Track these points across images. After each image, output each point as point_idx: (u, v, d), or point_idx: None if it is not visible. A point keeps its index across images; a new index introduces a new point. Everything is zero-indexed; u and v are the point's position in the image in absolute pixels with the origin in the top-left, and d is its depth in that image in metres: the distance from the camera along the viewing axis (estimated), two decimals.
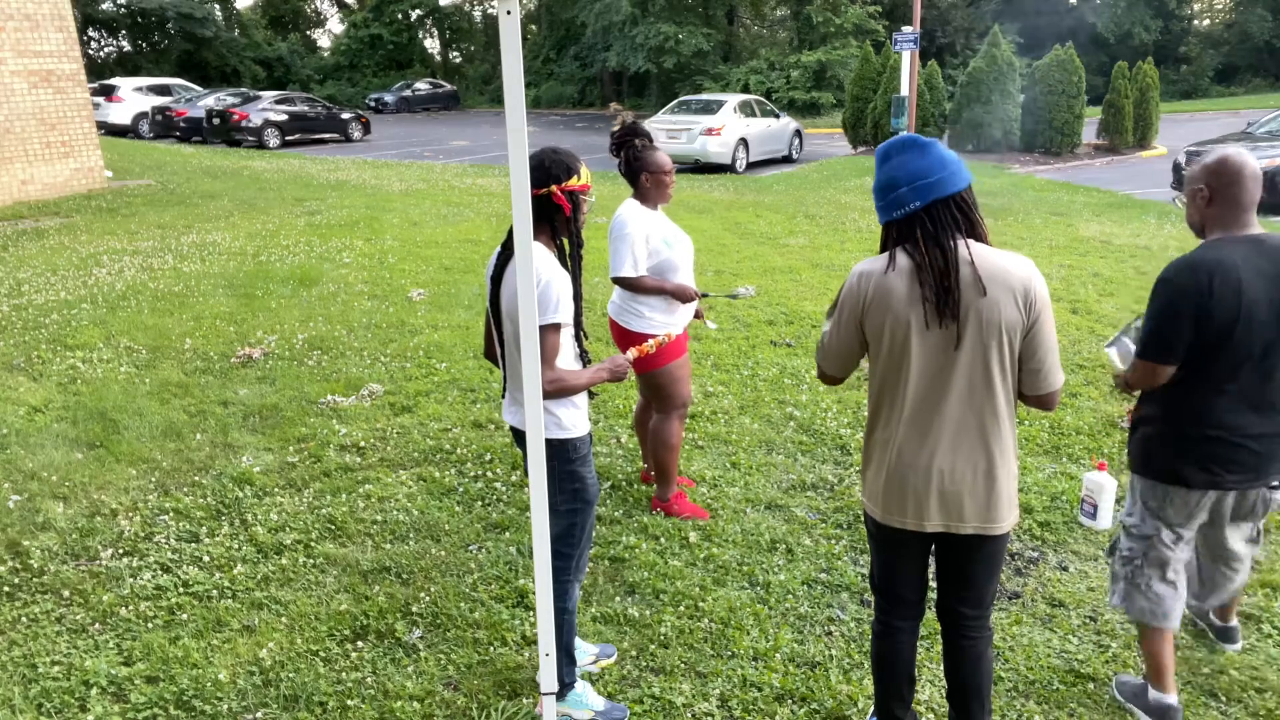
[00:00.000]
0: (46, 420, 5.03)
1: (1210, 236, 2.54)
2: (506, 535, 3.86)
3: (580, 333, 2.69)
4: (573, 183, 2.54)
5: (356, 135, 24.93)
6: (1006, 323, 2.09)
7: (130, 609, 3.30)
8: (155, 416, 5.07)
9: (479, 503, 4.15)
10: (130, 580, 3.49)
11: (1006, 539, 2.30)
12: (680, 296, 3.72)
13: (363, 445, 4.75)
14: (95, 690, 2.86)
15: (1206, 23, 43.22)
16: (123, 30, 42.55)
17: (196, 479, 4.36)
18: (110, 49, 43.20)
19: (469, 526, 3.93)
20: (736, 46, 40.77)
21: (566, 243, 2.63)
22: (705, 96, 19.87)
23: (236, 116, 22.26)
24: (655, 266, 3.71)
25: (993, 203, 12.74)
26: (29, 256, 9.26)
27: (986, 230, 2.18)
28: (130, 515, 4.00)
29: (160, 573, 3.55)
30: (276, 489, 4.27)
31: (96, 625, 3.21)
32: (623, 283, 3.70)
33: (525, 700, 2.84)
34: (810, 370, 5.86)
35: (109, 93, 24.87)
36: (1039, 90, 18.75)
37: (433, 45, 53.09)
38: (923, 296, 2.10)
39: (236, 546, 3.75)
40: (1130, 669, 2.99)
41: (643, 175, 3.71)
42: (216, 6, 44.88)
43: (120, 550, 3.72)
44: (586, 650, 3.01)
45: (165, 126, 23.98)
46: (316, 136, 24.02)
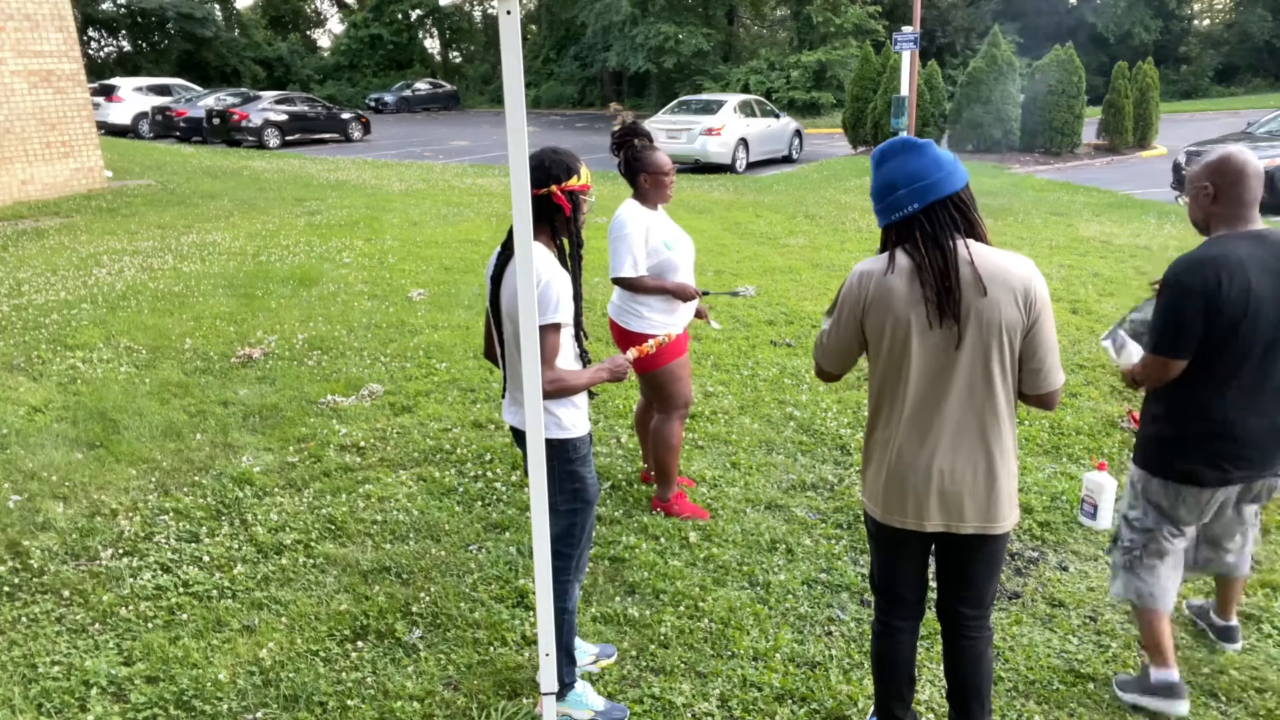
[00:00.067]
0: (46, 420, 5.03)
1: (1214, 233, 2.58)
2: (506, 535, 3.86)
3: (580, 333, 2.69)
4: (573, 183, 2.54)
5: (356, 135, 24.94)
6: (1007, 322, 2.09)
7: (130, 609, 3.30)
8: (155, 416, 5.07)
9: (479, 503, 4.15)
10: (130, 580, 3.49)
11: (1007, 539, 2.30)
12: (681, 295, 3.71)
13: (363, 445, 4.75)
14: (95, 690, 2.86)
15: (1206, 23, 43.23)
16: (123, 30, 42.57)
17: (196, 479, 4.36)
18: (110, 49, 43.24)
19: (469, 526, 3.93)
20: (736, 46, 40.78)
21: (566, 243, 2.63)
22: (705, 96, 19.87)
23: (236, 116, 22.27)
24: (655, 267, 3.70)
25: (993, 203, 12.74)
26: (29, 256, 9.26)
27: (986, 230, 2.18)
28: (130, 515, 4.00)
29: (160, 573, 3.55)
30: (276, 489, 4.27)
31: (96, 625, 3.21)
32: (622, 283, 3.70)
33: (525, 700, 2.84)
34: (811, 370, 5.86)
35: (109, 93, 24.88)
36: (1039, 90, 18.76)
37: (433, 45, 53.15)
38: (923, 297, 2.10)
39: (236, 546, 3.75)
40: (1130, 669, 2.99)
41: (641, 175, 3.70)
42: (216, 6, 44.89)
43: (120, 550, 3.72)
44: (586, 650, 3.01)
45: (165, 126, 23.99)
46: (316, 136, 24.02)
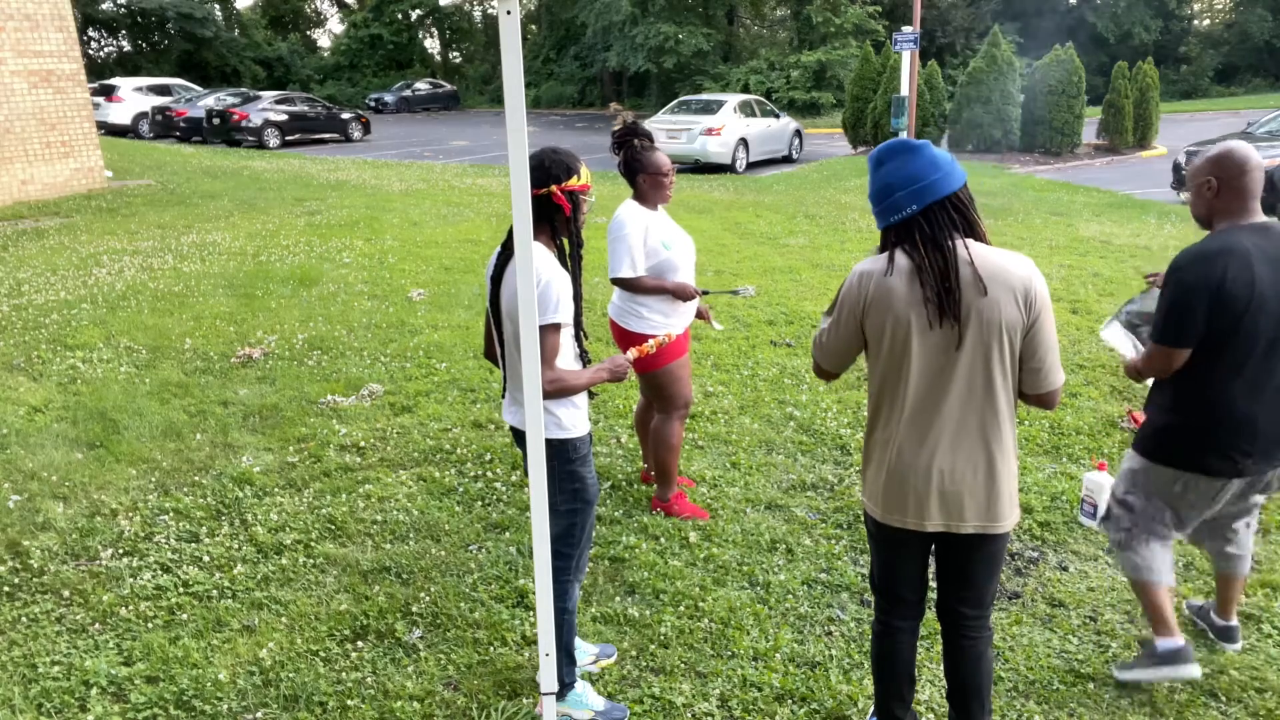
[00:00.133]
0: (46, 420, 5.03)
1: (1218, 227, 2.61)
2: (506, 535, 3.86)
3: (580, 333, 2.69)
4: (573, 183, 2.54)
5: (356, 135, 24.93)
6: (1007, 322, 2.09)
7: (130, 609, 3.30)
8: (155, 416, 5.07)
9: (479, 503, 4.15)
10: (130, 580, 3.49)
11: (1007, 538, 2.30)
12: (680, 295, 3.71)
13: (363, 445, 4.75)
14: (95, 690, 2.86)
15: (1206, 23, 43.23)
16: (123, 30, 42.57)
17: (196, 479, 4.36)
18: (110, 49, 43.23)
19: (469, 526, 3.93)
20: (736, 46, 40.77)
21: (566, 243, 2.63)
22: (705, 96, 19.87)
23: (236, 116, 22.27)
24: (655, 267, 3.70)
25: (993, 203, 12.74)
26: (29, 256, 9.26)
27: (985, 229, 2.19)
28: (130, 515, 4.00)
29: (160, 573, 3.55)
30: (276, 489, 4.27)
31: (96, 625, 3.21)
32: (622, 283, 3.69)
33: (525, 700, 2.84)
34: (811, 370, 5.86)
35: (109, 93, 24.87)
36: (1039, 90, 18.76)
37: (433, 45, 53.15)
38: (924, 297, 2.10)
39: (236, 546, 3.75)
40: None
41: (640, 176, 3.70)
42: (216, 6, 44.89)
43: (120, 550, 3.72)
44: (586, 650, 3.01)
45: (165, 126, 23.98)
46: (316, 136, 24.02)
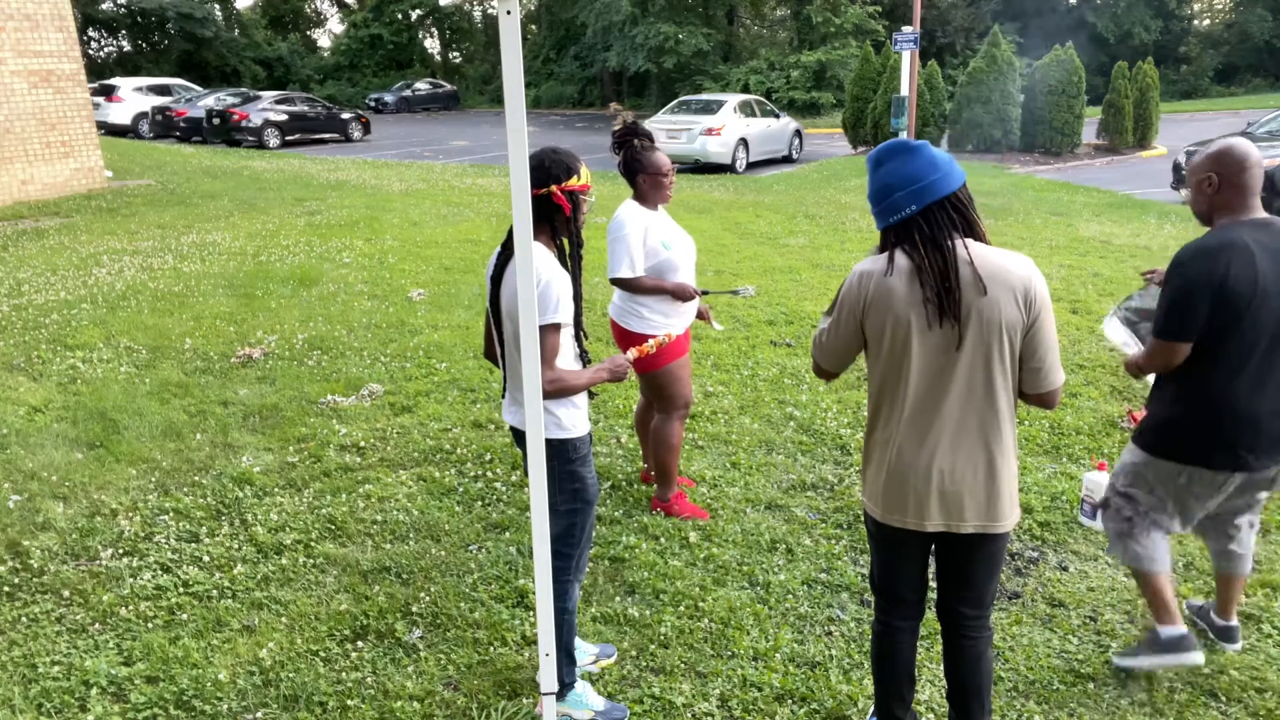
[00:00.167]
0: (46, 420, 5.03)
1: (1219, 223, 2.63)
2: (506, 535, 3.86)
3: (580, 333, 2.69)
4: (573, 183, 2.54)
5: (356, 135, 24.93)
6: (1007, 322, 2.09)
7: (130, 609, 3.30)
8: (155, 416, 5.07)
9: (479, 503, 4.15)
10: (130, 580, 3.49)
11: (1007, 538, 2.30)
12: (679, 295, 3.71)
13: (363, 445, 4.75)
14: (95, 690, 2.86)
15: (1206, 23, 43.22)
16: (123, 30, 42.57)
17: (196, 479, 4.36)
18: (110, 49, 43.23)
19: (469, 526, 3.93)
20: (736, 46, 40.77)
21: (566, 243, 2.63)
22: (705, 96, 19.87)
23: (236, 116, 22.27)
24: (654, 267, 3.70)
25: (993, 203, 12.74)
26: (29, 256, 9.26)
27: (984, 229, 2.19)
28: (130, 515, 4.00)
29: (160, 573, 3.55)
30: (276, 489, 4.27)
31: (96, 625, 3.21)
32: (620, 284, 3.69)
33: (525, 700, 2.84)
34: (811, 370, 5.86)
35: (109, 93, 24.87)
36: (1039, 90, 18.76)
37: (433, 45, 53.15)
38: (924, 297, 2.10)
39: (236, 546, 3.75)
40: (1129, 671, 2.99)
41: (640, 176, 3.70)
42: (216, 6, 44.88)
43: (120, 550, 3.72)
44: (586, 650, 3.01)
45: (165, 126, 23.99)
46: (316, 136, 24.02)
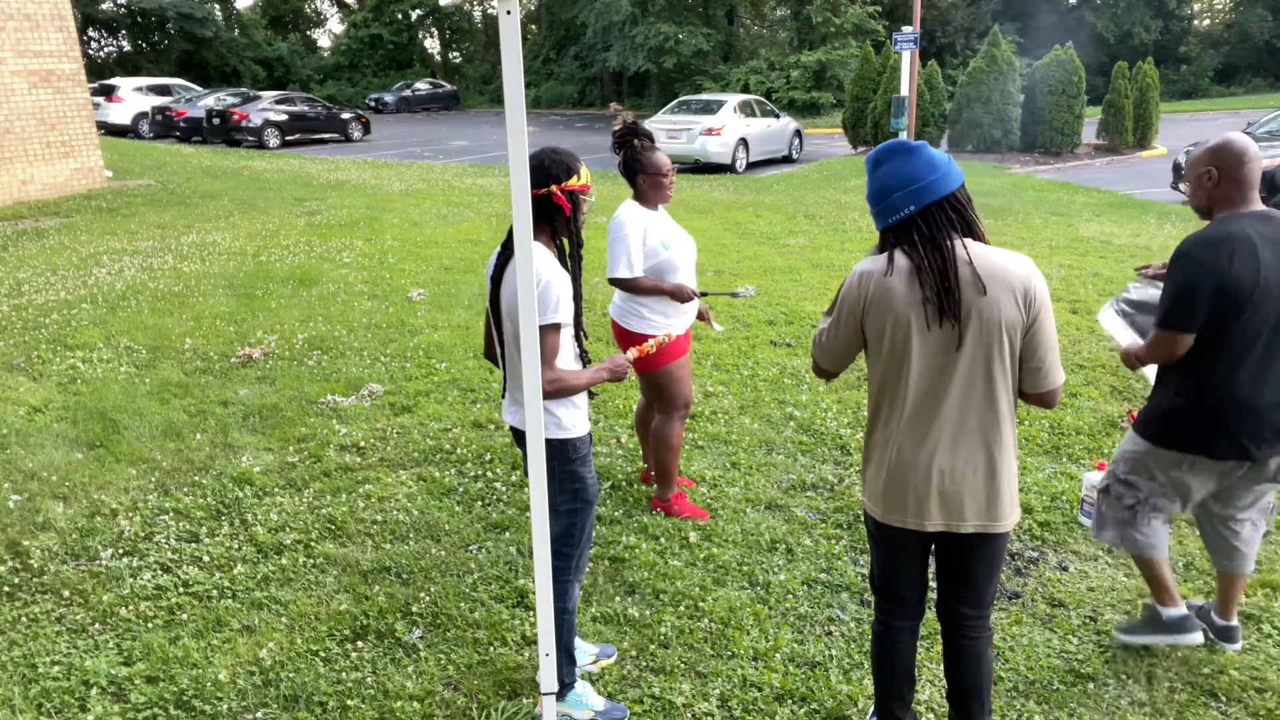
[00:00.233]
0: (46, 420, 5.03)
1: (1218, 216, 2.65)
2: (506, 535, 3.86)
3: (580, 333, 2.69)
4: (573, 183, 2.54)
5: (356, 135, 24.94)
6: (1007, 321, 2.09)
7: (130, 609, 3.30)
8: (155, 416, 5.07)
9: (479, 503, 4.15)
10: (130, 580, 3.49)
11: (1007, 538, 2.31)
12: (677, 297, 3.71)
13: (363, 445, 4.75)
14: (95, 690, 2.86)
15: (1206, 23, 43.22)
16: (123, 30, 42.57)
17: (196, 479, 4.36)
18: (110, 49, 43.24)
19: (469, 526, 3.93)
20: (736, 46, 40.77)
21: (566, 243, 2.63)
22: (705, 96, 19.87)
23: (236, 116, 22.27)
24: (654, 268, 3.69)
25: (993, 203, 12.74)
26: (29, 256, 9.26)
27: (984, 229, 2.19)
28: (130, 515, 4.00)
29: (160, 573, 3.55)
30: (276, 489, 4.27)
31: (96, 625, 3.21)
32: (619, 284, 3.69)
33: (525, 700, 2.84)
34: (811, 370, 5.86)
35: (109, 93, 24.88)
36: (1039, 90, 18.76)
37: (433, 45, 53.15)
38: (923, 298, 2.10)
39: (236, 546, 3.75)
40: (1129, 671, 2.99)
41: (640, 176, 3.70)
42: (216, 6, 44.89)
43: (120, 550, 3.72)
44: (586, 650, 3.01)
45: (165, 126, 23.99)
46: (316, 136, 24.02)
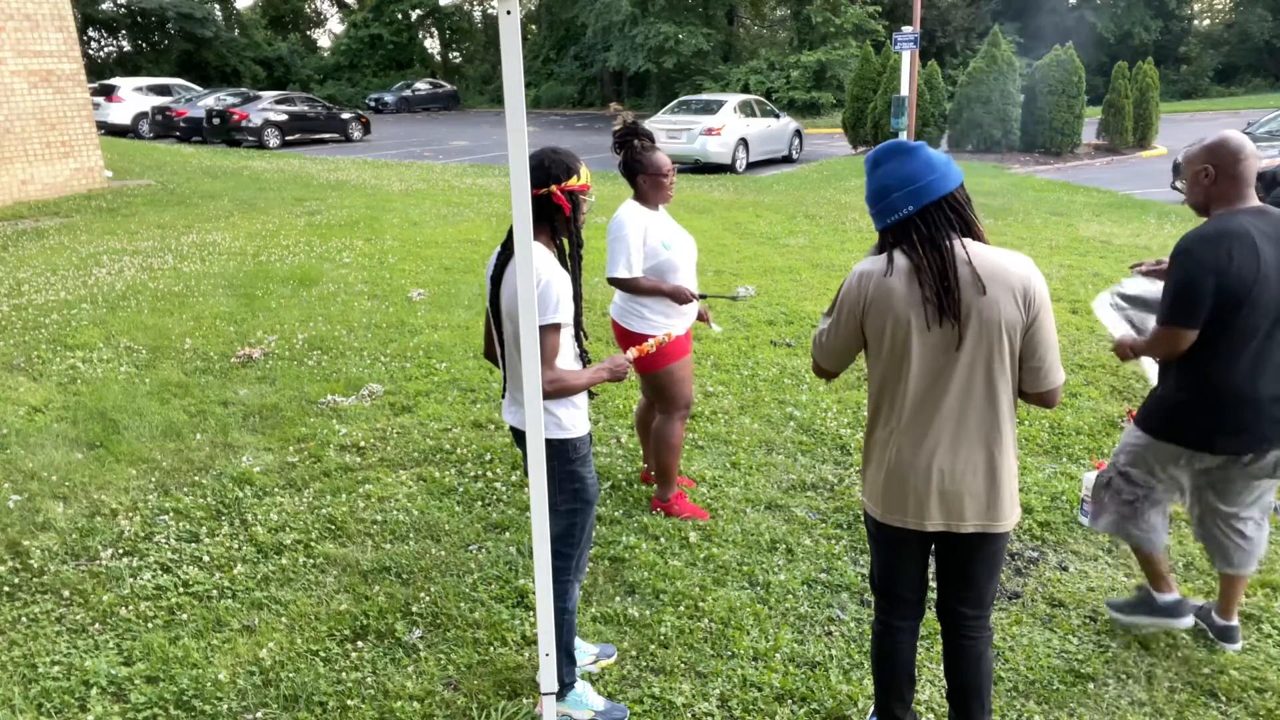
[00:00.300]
0: (46, 420, 5.03)
1: (1215, 213, 2.67)
2: (506, 535, 3.86)
3: (580, 333, 2.69)
4: (573, 183, 2.54)
5: (356, 135, 24.94)
6: (1006, 321, 2.09)
7: (130, 609, 3.30)
8: (155, 416, 5.07)
9: (479, 503, 4.15)
10: (130, 580, 3.49)
11: (1007, 538, 2.31)
12: (676, 298, 3.70)
13: (363, 445, 4.75)
14: (95, 690, 2.87)
15: (1206, 23, 43.22)
16: (123, 30, 42.57)
17: (196, 479, 4.36)
18: (110, 49, 43.23)
19: (469, 526, 3.93)
20: (736, 46, 40.77)
21: (566, 243, 2.63)
22: (705, 96, 19.87)
23: (236, 116, 22.27)
24: (654, 268, 3.69)
25: (993, 203, 12.74)
26: (29, 256, 9.26)
27: (983, 229, 2.19)
28: (130, 515, 4.00)
29: (160, 573, 3.55)
30: (276, 489, 4.27)
31: (96, 625, 3.21)
32: (618, 284, 3.69)
33: (525, 700, 2.84)
34: (811, 370, 5.86)
35: (109, 93, 24.87)
36: (1039, 90, 18.77)
37: (433, 45, 53.15)
38: (923, 298, 2.10)
39: (236, 546, 3.75)
40: (1129, 671, 2.99)
41: (640, 176, 3.70)
42: (216, 6, 44.88)
43: (120, 550, 3.72)
44: (586, 650, 3.01)
45: (165, 126, 23.99)
46: (316, 136, 24.02)
